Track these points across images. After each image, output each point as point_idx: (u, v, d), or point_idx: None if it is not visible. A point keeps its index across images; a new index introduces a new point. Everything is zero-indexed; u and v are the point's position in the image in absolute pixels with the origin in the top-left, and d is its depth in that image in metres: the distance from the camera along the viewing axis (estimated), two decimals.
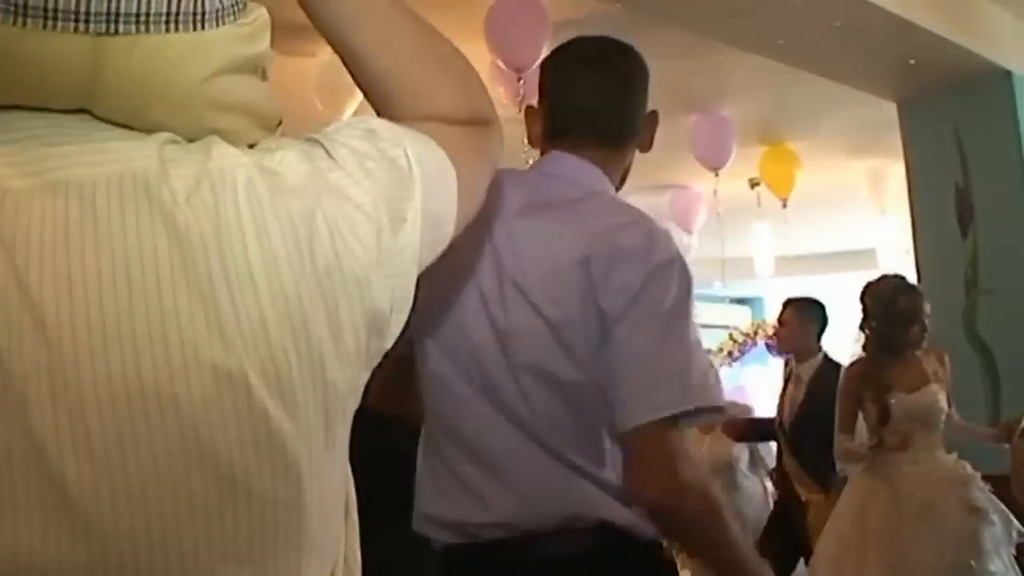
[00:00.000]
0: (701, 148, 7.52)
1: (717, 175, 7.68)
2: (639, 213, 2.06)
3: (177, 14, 0.94)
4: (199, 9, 0.95)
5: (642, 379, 1.88)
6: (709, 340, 14.83)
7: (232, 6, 0.99)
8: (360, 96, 4.95)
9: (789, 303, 6.40)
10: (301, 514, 0.97)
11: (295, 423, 0.94)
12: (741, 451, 6.67)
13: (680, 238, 9.91)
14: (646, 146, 2.27)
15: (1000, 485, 4.85)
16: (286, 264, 0.94)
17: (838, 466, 5.91)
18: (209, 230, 0.92)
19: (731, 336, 15.24)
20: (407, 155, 1.08)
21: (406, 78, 1.20)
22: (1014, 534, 4.75)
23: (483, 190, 1.26)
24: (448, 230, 1.15)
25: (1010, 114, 5.93)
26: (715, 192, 8.34)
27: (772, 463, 6.84)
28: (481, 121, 1.25)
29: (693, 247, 10.02)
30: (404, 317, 1.08)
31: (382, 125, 1.12)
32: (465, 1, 5.35)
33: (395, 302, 1.05)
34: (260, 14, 1.04)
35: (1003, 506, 4.79)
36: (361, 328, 0.99)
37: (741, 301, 16.38)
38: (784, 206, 8.48)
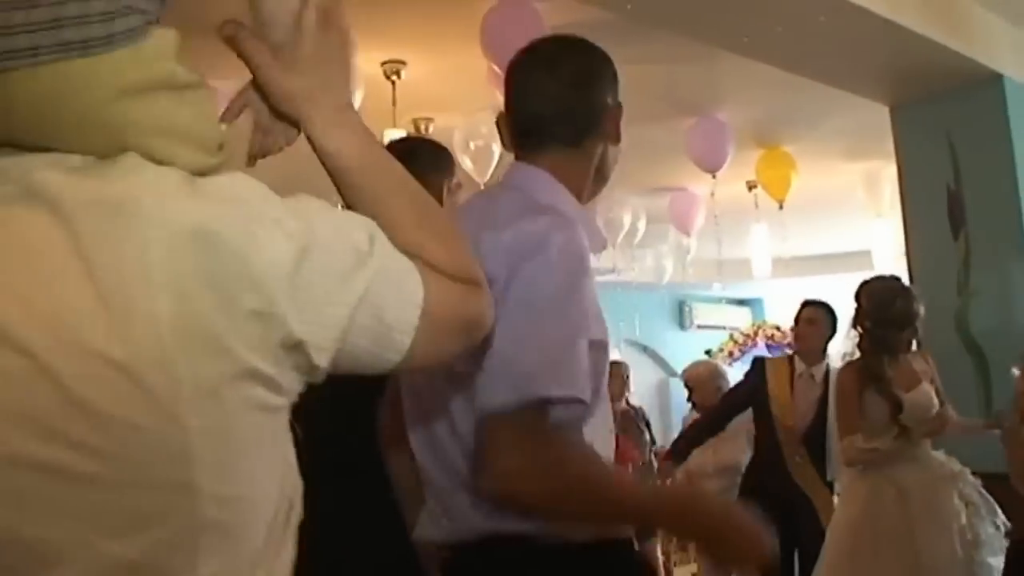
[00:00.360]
0: (698, 151, 7.56)
1: (715, 177, 7.73)
2: (534, 211, 2.01)
3: (66, 44, 1.02)
4: (88, 36, 1.03)
5: (490, 371, 1.85)
6: (710, 341, 14.90)
7: (127, 31, 1.06)
8: (358, 101, 4.97)
9: (812, 304, 6.36)
10: (194, 495, 1.05)
11: (183, 410, 1.02)
12: (746, 455, 6.66)
13: (679, 240, 9.98)
14: (614, 138, 2.23)
15: (989, 481, 4.93)
16: (185, 261, 1.02)
17: (829, 472, 5.96)
18: (106, 229, 1.01)
19: (732, 337, 15.30)
20: (372, 243, 1.20)
21: (395, 233, 1.26)
22: (1000, 526, 4.82)
23: (453, 334, 1.31)
24: (397, 336, 1.21)
25: (1001, 117, 5.95)
26: (712, 194, 8.39)
27: None
28: (466, 280, 1.31)
29: (692, 248, 10.08)
30: (326, 357, 1.15)
31: (372, 224, 1.23)
32: (461, 7, 5.42)
33: (312, 338, 1.12)
34: (163, 36, 1.11)
35: (991, 499, 4.87)
36: (257, 328, 1.07)
37: (742, 302, 16.43)
38: (780, 208, 8.53)
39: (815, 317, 6.24)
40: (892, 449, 4.93)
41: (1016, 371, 4.57)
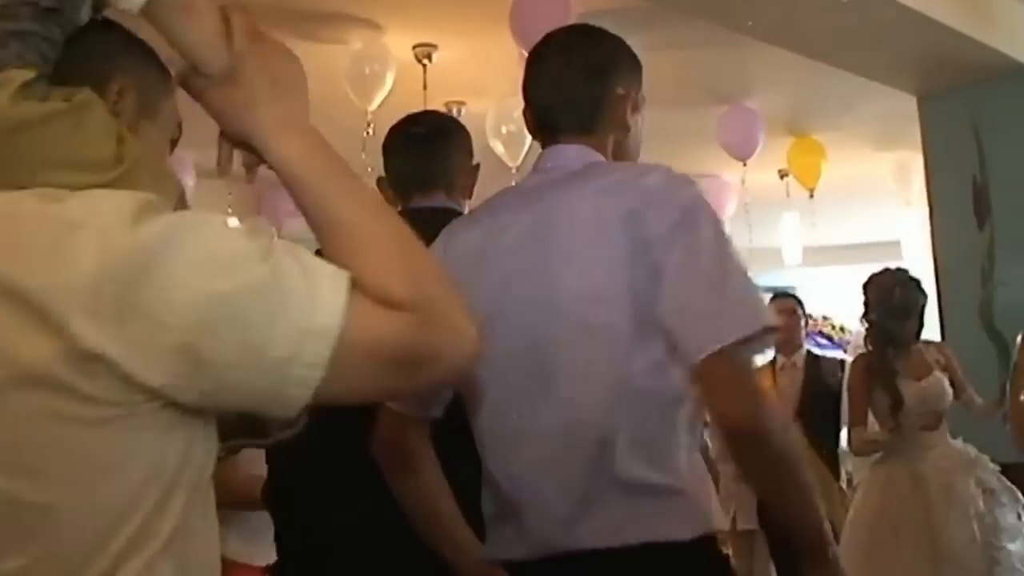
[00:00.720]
0: (729, 138, 7.58)
1: (745, 165, 7.75)
2: (647, 164, 2.09)
3: None
4: None
5: (695, 316, 1.87)
6: None
7: None
8: (389, 85, 5.02)
9: (784, 296, 6.58)
10: None
11: None
12: None
13: None
14: (622, 128, 2.24)
15: (1007, 471, 4.97)
16: None
17: (846, 461, 6.02)
18: None
19: None
20: (261, 263, 1.12)
21: (339, 250, 1.21)
22: (1021, 514, 4.87)
23: (388, 371, 1.18)
24: (300, 370, 1.12)
25: None
26: (743, 182, 8.41)
27: None
28: (416, 307, 1.17)
29: None
30: (146, 371, 1.10)
31: (275, 247, 1.15)
32: None
33: (122, 354, 1.08)
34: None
35: (1011, 485, 4.91)
36: (48, 340, 1.09)
37: (774, 291, 16.35)
38: (811, 196, 8.54)
39: (794, 308, 6.38)
40: (890, 441, 5.02)
41: (1020, 339, 4.63)
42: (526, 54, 2.33)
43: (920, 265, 6.83)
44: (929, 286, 5.99)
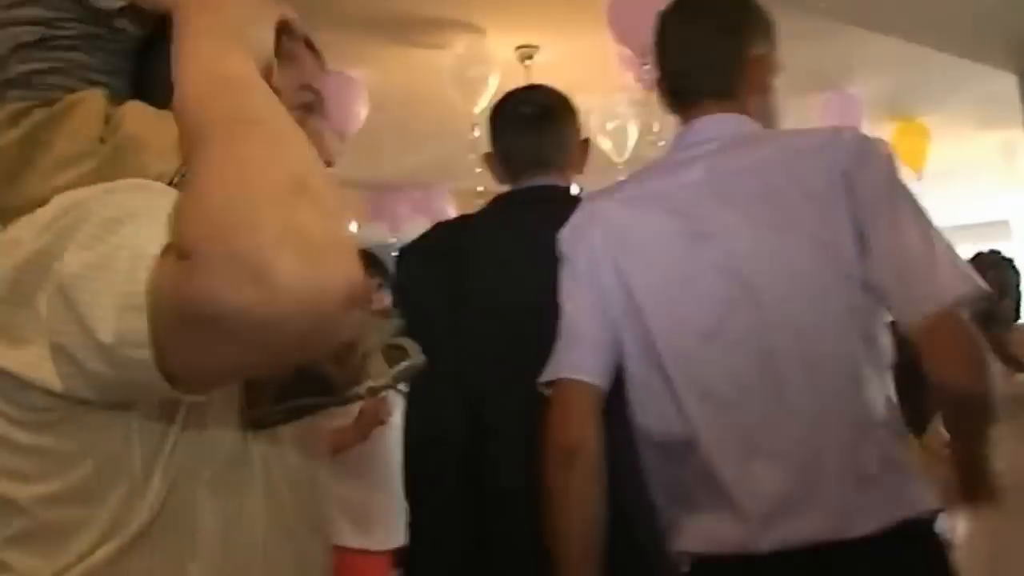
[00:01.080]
0: (830, 125, 7.53)
1: None
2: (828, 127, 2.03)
3: None
4: None
5: (916, 271, 1.85)
6: None
7: None
8: (493, 87, 5.12)
9: None
10: None
11: None
12: None
13: None
14: (763, 89, 2.16)
15: None
16: None
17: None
18: None
19: None
20: (99, 241, 1.03)
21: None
22: None
23: (210, 345, 0.95)
24: (128, 351, 0.99)
25: None
26: None
27: None
28: (193, 250, 0.91)
29: None
30: (41, 376, 1.07)
31: (141, 240, 1.01)
32: None
33: (4, 356, 1.09)
34: None
35: None
36: None
37: None
38: (919, 179, 8.51)
39: None
40: None
41: None
42: (628, 50, 2.32)
43: None
44: None
